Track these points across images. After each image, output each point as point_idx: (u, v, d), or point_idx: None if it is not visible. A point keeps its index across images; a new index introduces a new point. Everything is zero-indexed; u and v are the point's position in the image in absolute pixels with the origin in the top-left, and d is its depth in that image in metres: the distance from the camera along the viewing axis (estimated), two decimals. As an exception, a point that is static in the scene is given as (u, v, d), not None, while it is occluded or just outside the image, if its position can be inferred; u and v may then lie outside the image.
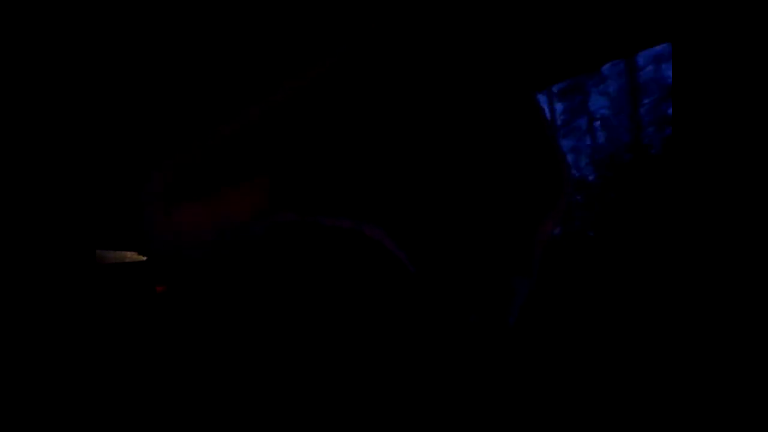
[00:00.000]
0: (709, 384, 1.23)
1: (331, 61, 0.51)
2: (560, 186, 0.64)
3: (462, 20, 0.54)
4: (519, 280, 0.59)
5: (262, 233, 0.50)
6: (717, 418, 1.19)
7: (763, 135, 1.27)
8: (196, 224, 0.48)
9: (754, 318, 1.21)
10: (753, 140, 1.29)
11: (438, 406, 0.53)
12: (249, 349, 0.51)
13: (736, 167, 1.32)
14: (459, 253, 0.56)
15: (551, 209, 0.64)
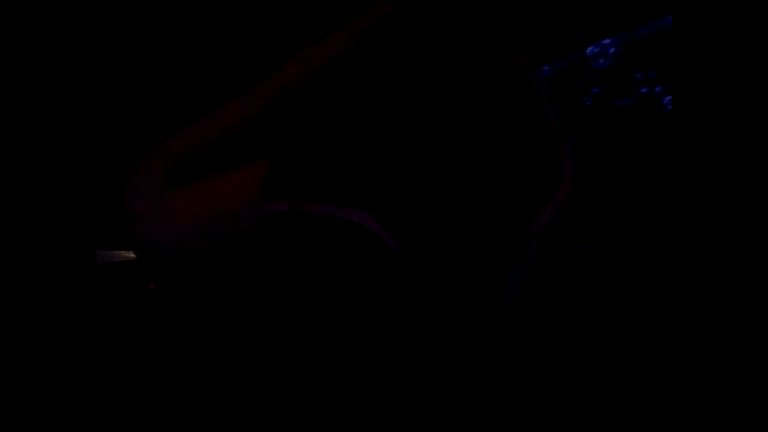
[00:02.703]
0: (708, 379, 1.23)
1: (328, 51, 0.50)
2: (560, 177, 0.64)
3: (459, 8, 0.54)
4: (512, 269, 0.59)
5: (254, 223, 0.50)
6: (716, 417, 1.19)
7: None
8: (186, 214, 0.48)
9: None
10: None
11: (431, 394, 0.53)
12: (241, 340, 0.51)
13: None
14: (451, 241, 0.56)
15: (549, 199, 0.63)
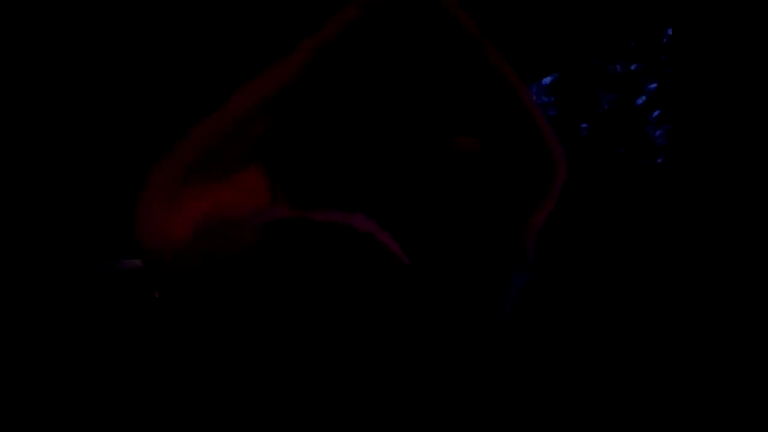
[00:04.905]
0: (711, 382, 1.21)
1: (316, 53, 0.51)
2: (551, 173, 0.63)
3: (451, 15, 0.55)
4: (514, 271, 0.59)
5: (255, 231, 0.50)
6: (717, 418, 1.17)
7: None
8: (191, 221, 0.49)
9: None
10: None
11: (434, 400, 0.53)
12: (242, 348, 0.51)
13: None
14: (452, 244, 0.56)
15: (543, 197, 0.63)
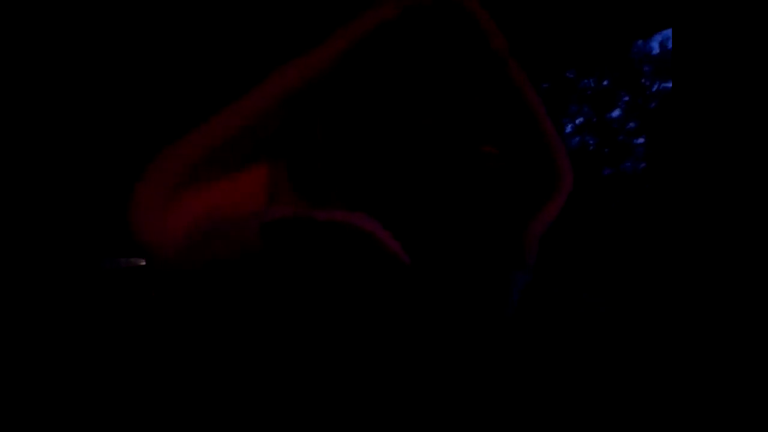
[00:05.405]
0: (711, 382, 1.23)
1: (328, 54, 0.51)
2: (557, 178, 0.64)
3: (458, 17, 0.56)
4: (516, 273, 0.59)
5: (256, 230, 0.50)
6: (717, 418, 1.19)
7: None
8: (190, 222, 0.48)
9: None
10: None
11: (436, 400, 0.53)
12: (241, 347, 0.50)
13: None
14: (455, 245, 0.56)
15: (548, 201, 0.64)
